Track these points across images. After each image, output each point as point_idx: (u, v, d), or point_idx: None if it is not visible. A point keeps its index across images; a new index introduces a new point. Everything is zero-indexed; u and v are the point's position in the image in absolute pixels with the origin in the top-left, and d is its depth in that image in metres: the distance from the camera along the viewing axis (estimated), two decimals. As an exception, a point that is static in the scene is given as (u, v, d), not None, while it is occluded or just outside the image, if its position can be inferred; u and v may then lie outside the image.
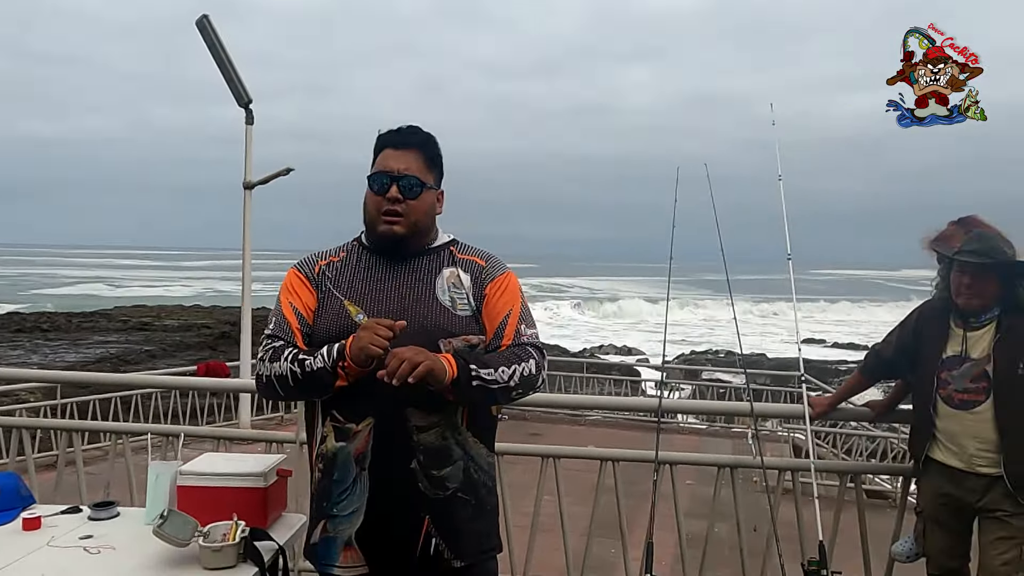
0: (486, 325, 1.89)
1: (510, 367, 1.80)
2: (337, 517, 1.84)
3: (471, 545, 1.88)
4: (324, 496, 1.86)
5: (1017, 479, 2.61)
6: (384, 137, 1.94)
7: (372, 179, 1.90)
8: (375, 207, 1.89)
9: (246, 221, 9.12)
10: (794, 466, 3.44)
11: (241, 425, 9.07)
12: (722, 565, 3.76)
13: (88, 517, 2.26)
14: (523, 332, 1.89)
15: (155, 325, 21.92)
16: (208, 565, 1.89)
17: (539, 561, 3.54)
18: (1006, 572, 2.60)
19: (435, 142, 1.96)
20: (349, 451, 1.81)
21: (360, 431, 1.81)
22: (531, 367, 1.83)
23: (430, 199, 1.92)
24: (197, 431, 5.35)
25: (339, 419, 1.83)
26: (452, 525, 1.84)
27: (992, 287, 2.66)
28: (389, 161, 1.89)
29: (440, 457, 1.82)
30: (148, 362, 16.85)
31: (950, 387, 2.73)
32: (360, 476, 1.81)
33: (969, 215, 2.87)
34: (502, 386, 1.78)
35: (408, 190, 1.87)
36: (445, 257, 1.94)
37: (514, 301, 1.92)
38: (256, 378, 1.90)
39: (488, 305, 1.90)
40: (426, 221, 1.92)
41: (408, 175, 1.88)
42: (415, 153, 1.91)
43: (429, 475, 1.81)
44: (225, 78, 8.69)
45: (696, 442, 10.55)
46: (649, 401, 6.82)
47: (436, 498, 1.82)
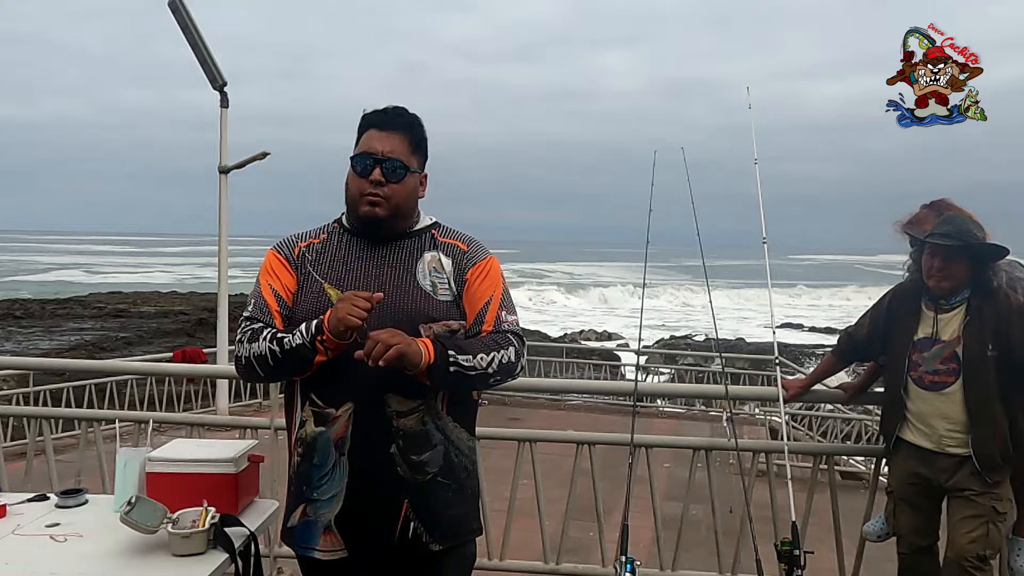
0: (467, 310, 1.88)
1: (489, 354, 1.80)
2: (317, 501, 1.83)
3: (450, 528, 1.88)
4: (304, 480, 1.85)
5: (985, 459, 2.65)
6: (369, 117, 1.91)
7: (355, 160, 1.87)
8: (357, 189, 1.86)
9: (222, 206, 8.99)
10: (768, 448, 3.48)
11: (219, 412, 9.00)
12: (698, 546, 3.80)
13: (55, 505, 2.22)
14: (504, 319, 1.89)
15: (131, 312, 21.63)
16: (177, 552, 1.86)
17: (517, 544, 3.55)
18: (973, 549, 2.64)
19: (420, 124, 1.93)
20: (328, 436, 1.80)
21: (339, 416, 1.80)
22: (510, 354, 1.83)
23: (413, 183, 1.90)
24: (167, 417, 5.29)
25: (318, 404, 1.82)
26: (431, 509, 1.84)
27: (963, 270, 2.69)
28: (373, 142, 1.87)
29: (419, 442, 1.81)
30: (124, 349, 16.63)
31: (921, 368, 2.76)
32: (339, 461, 1.80)
33: (940, 198, 2.90)
34: (480, 372, 1.78)
35: (391, 173, 1.85)
36: (426, 241, 1.93)
37: (495, 287, 1.92)
38: (235, 360, 1.87)
39: (469, 290, 1.89)
40: (408, 205, 1.90)
41: (392, 158, 1.85)
42: (400, 135, 1.88)
43: (408, 460, 1.81)
44: (199, 60, 8.52)
45: (675, 426, 10.64)
46: (625, 384, 6.85)
47: (415, 482, 1.82)
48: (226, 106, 8.91)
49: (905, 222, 2.90)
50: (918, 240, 2.80)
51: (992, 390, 2.66)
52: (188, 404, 10.15)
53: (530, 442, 3.41)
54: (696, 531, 3.71)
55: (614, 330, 35.13)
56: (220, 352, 9.13)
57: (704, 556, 3.60)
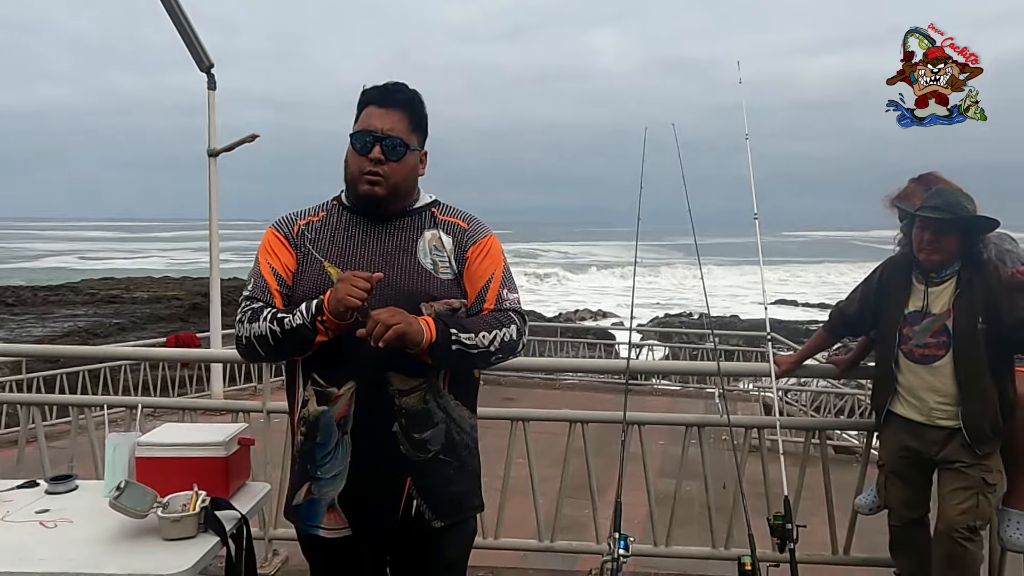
0: (467, 289, 1.87)
1: (491, 332, 1.79)
2: (321, 480, 1.83)
3: (452, 505, 1.89)
4: (307, 459, 1.85)
5: (974, 431, 2.66)
6: (369, 93, 1.88)
7: (355, 137, 1.85)
8: (356, 167, 1.84)
9: (212, 190, 8.92)
10: (760, 423, 3.49)
11: (214, 396, 9.00)
12: (692, 522, 3.82)
13: (45, 491, 2.21)
14: (505, 297, 1.88)
15: (124, 298, 21.55)
16: (168, 536, 1.86)
17: (512, 522, 3.57)
18: (963, 521, 2.66)
19: (421, 101, 1.90)
20: (331, 415, 1.80)
21: (342, 395, 1.80)
22: (512, 332, 1.83)
23: (413, 161, 1.88)
24: (158, 402, 5.28)
25: (320, 383, 1.82)
26: (433, 487, 1.85)
27: (953, 242, 2.68)
28: (373, 120, 1.84)
29: (421, 420, 1.81)
30: (118, 335, 16.59)
31: (911, 342, 2.76)
32: (342, 440, 1.80)
33: (928, 172, 2.89)
34: (482, 351, 1.78)
35: (391, 151, 1.82)
36: (427, 219, 1.91)
37: (496, 265, 1.91)
38: (236, 340, 1.86)
39: (470, 268, 1.88)
40: (408, 183, 1.88)
41: (392, 136, 1.83)
42: (400, 113, 1.85)
43: (411, 438, 1.81)
44: (185, 41, 8.41)
45: (669, 403, 10.69)
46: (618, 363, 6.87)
47: (417, 460, 1.82)
48: (213, 88, 8.81)
49: (895, 196, 2.89)
50: (908, 214, 2.79)
51: (982, 363, 2.66)
52: (183, 389, 10.15)
53: (524, 421, 3.42)
54: (690, 507, 3.73)
55: (609, 309, 35.21)
56: (213, 337, 9.11)
57: (698, 532, 3.62)
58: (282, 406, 3.66)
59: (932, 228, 2.68)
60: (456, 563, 2.00)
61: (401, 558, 1.95)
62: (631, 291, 3.57)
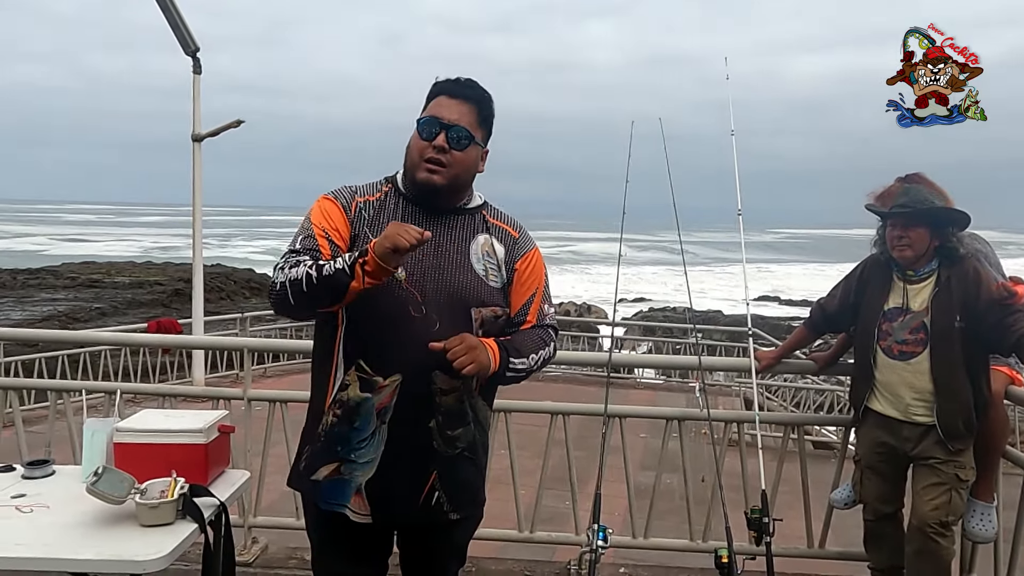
0: (512, 299, 1.93)
1: (537, 353, 1.91)
2: (355, 464, 1.85)
3: (467, 499, 1.97)
4: (339, 440, 1.85)
5: (949, 428, 2.70)
6: (441, 84, 1.90)
7: (421, 123, 1.85)
8: (419, 152, 1.84)
9: (196, 175, 8.84)
10: (740, 418, 3.52)
11: (195, 383, 8.94)
12: (671, 514, 3.85)
13: (22, 476, 2.20)
14: (546, 312, 1.97)
15: (105, 282, 21.30)
16: (145, 522, 1.86)
17: (492, 513, 3.57)
18: (936, 516, 2.70)
19: (491, 100, 1.92)
20: (373, 403, 1.82)
21: (386, 386, 1.82)
22: (550, 350, 1.96)
23: (475, 154, 1.89)
24: (138, 388, 5.23)
25: (366, 371, 1.82)
26: (455, 480, 1.91)
27: (923, 236, 2.72)
28: (441, 108, 1.85)
29: (456, 419, 1.87)
30: (99, 320, 16.41)
31: (890, 339, 2.80)
32: (380, 428, 1.83)
33: (914, 172, 2.92)
34: (526, 371, 1.89)
35: (456, 141, 1.83)
36: (479, 222, 1.94)
37: (540, 279, 1.98)
38: (270, 289, 1.83)
39: (518, 280, 1.94)
40: (467, 177, 1.89)
41: (458, 125, 1.83)
42: (469, 106, 1.87)
43: (444, 434, 1.86)
44: (170, 24, 8.32)
45: (651, 397, 10.76)
46: (600, 355, 6.89)
47: (446, 455, 1.88)
48: (199, 72, 8.73)
49: (876, 195, 2.92)
50: (880, 214, 2.83)
51: (958, 360, 2.70)
52: (164, 376, 10.08)
53: (505, 412, 3.42)
54: (669, 500, 3.76)
55: (593, 303, 35.29)
56: (196, 323, 9.05)
57: (676, 524, 3.65)
58: (262, 394, 3.67)
59: (901, 223, 2.73)
60: (462, 547, 2.11)
61: (410, 540, 2.02)
62: (615, 285, 3.58)
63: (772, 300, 40.61)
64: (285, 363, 11.26)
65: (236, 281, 20.70)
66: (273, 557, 3.53)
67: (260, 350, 8.58)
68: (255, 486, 3.45)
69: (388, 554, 2.04)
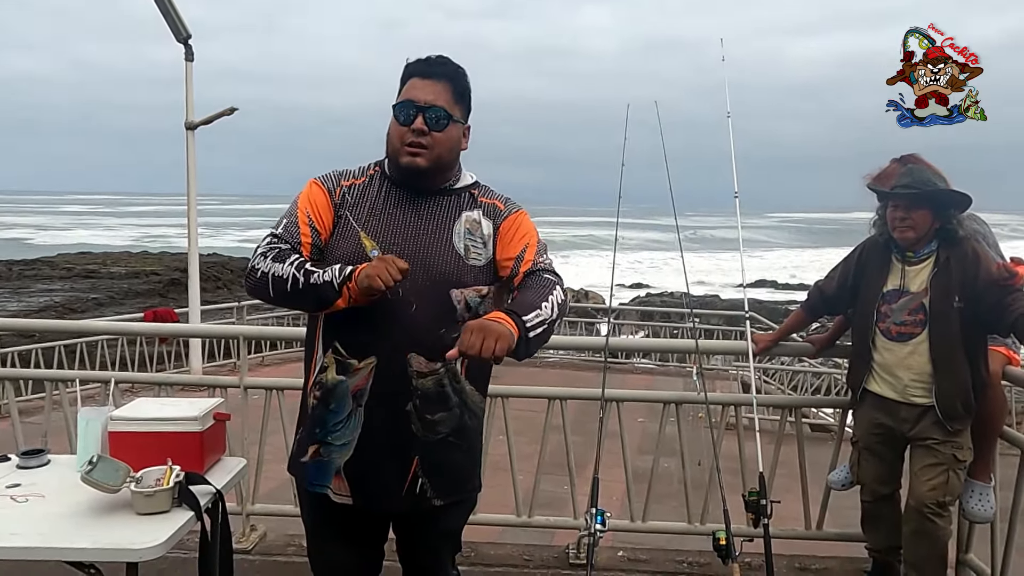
0: (502, 258, 1.86)
1: (547, 300, 1.75)
2: (331, 445, 1.85)
3: (455, 485, 1.93)
4: (318, 423, 1.86)
5: (947, 409, 2.70)
6: (412, 66, 1.87)
7: (397, 108, 1.83)
8: (399, 138, 1.82)
9: (190, 163, 8.79)
10: (737, 401, 3.51)
11: (192, 372, 8.93)
12: (669, 498, 3.86)
13: (17, 465, 2.19)
14: (540, 260, 1.87)
15: (101, 272, 21.27)
16: (141, 510, 1.84)
17: (491, 498, 3.58)
18: (933, 497, 2.71)
19: (464, 74, 1.88)
20: (347, 386, 1.81)
21: (361, 368, 1.80)
22: (559, 293, 1.81)
23: (456, 133, 1.86)
24: (133, 377, 5.22)
25: (342, 353, 1.81)
26: (440, 467, 1.87)
27: (925, 218, 2.71)
28: (416, 91, 1.82)
29: (435, 403, 1.83)
30: (95, 310, 16.40)
31: (889, 320, 2.79)
32: (355, 411, 1.82)
33: (910, 153, 2.90)
34: (546, 321, 1.72)
35: (434, 122, 1.81)
36: (466, 200, 1.90)
37: (530, 235, 1.91)
38: (249, 271, 1.82)
39: (502, 241, 1.88)
40: (450, 156, 1.87)
41: (435, 106, 1.81)
42: (443, 84, 1.84)
43: (423, 418, 1.82)
44: (162, 11, 8.24)
45: (649, 381, 10.78)
46: (597, 340, 6.89)
47: (427, 440, 1.84)
48: (191, 59, 8.65)
49: (874, 176, 2.90)
50: (883, 194, 2.81)
51: (956, 341, 2.70)
52: (161, 365, 10.07)
53: (503, 398, 3.42)
54: (667, 483, 3.76)
55: (591, 288, 35.30)
56: (192, 312, 9.03)
57: (674, 508, 3.66)
58: (259, 382, 3.66)
59: (903, 204, 2.71)
60: (453, 532, 2.06)
61: (400, 526, 2.01)
62: (611, 270, 3.57)
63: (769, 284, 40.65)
64: (282, 351, 11.26)
65: (232, 270, 20.68)
66: (272, 544, 3.54)
67: (257, 338, 8.56)
68: (253, 474, 3.45)
69: (383, 540, 2.03)
